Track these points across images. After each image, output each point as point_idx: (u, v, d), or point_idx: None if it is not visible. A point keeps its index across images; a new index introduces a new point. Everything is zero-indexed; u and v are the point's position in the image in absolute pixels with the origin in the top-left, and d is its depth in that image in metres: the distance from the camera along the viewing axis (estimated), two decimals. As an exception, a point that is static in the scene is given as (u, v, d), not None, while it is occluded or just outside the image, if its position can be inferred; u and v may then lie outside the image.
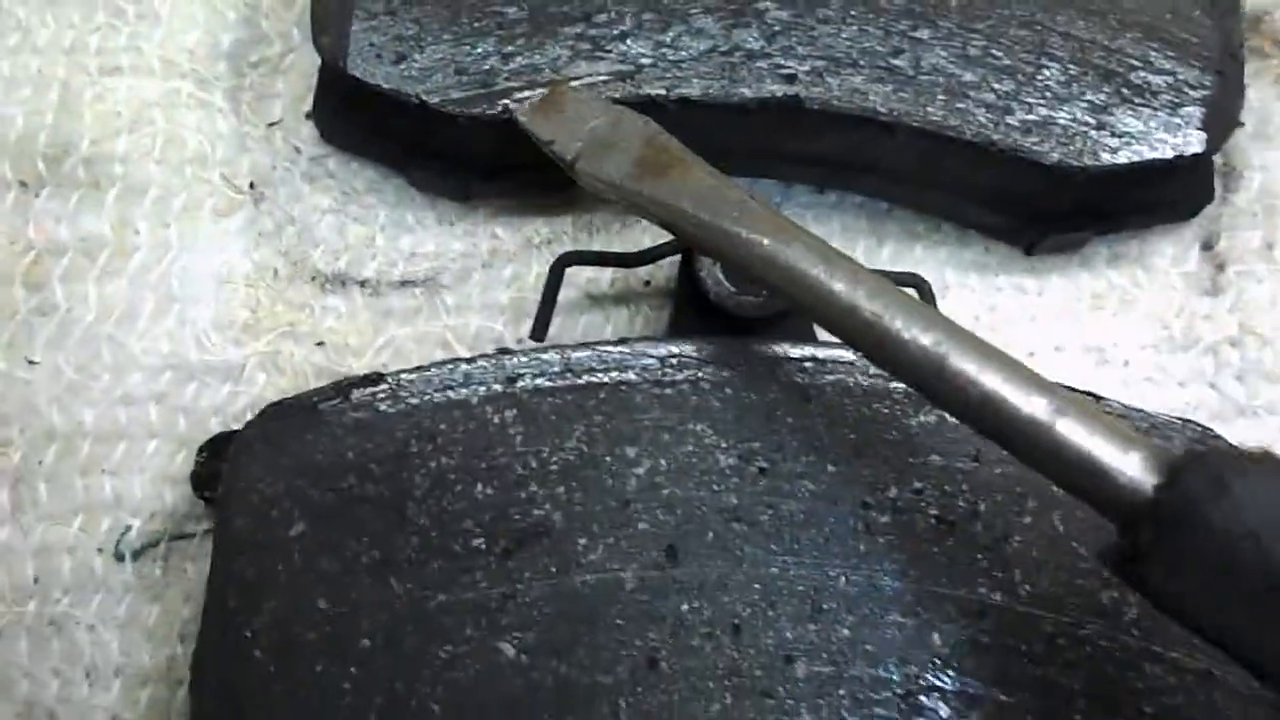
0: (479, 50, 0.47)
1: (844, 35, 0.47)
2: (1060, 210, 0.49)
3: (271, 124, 0.52)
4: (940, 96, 0.47)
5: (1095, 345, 0.51)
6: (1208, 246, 0.51)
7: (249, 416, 0.49)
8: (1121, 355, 0.50)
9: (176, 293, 0.50)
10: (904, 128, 0.47)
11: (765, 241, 0.40)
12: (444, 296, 0.51)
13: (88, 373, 0.49)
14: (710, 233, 0.41)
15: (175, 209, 0.51)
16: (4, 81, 0.52)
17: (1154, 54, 0.47)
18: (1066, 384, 0.40)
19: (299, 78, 0.52)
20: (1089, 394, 0.44)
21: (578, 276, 0.51)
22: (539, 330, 0.48)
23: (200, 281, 0.50)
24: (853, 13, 0.47)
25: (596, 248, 0.51)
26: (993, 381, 0.36)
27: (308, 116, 0.51)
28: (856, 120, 0.47)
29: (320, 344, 0.50)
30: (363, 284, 0.51)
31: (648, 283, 0.51)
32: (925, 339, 0.37)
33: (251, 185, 0.51)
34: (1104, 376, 0.50)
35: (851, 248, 0.52)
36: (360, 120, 0.50)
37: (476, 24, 0.47)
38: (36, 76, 0.52)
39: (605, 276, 0.51)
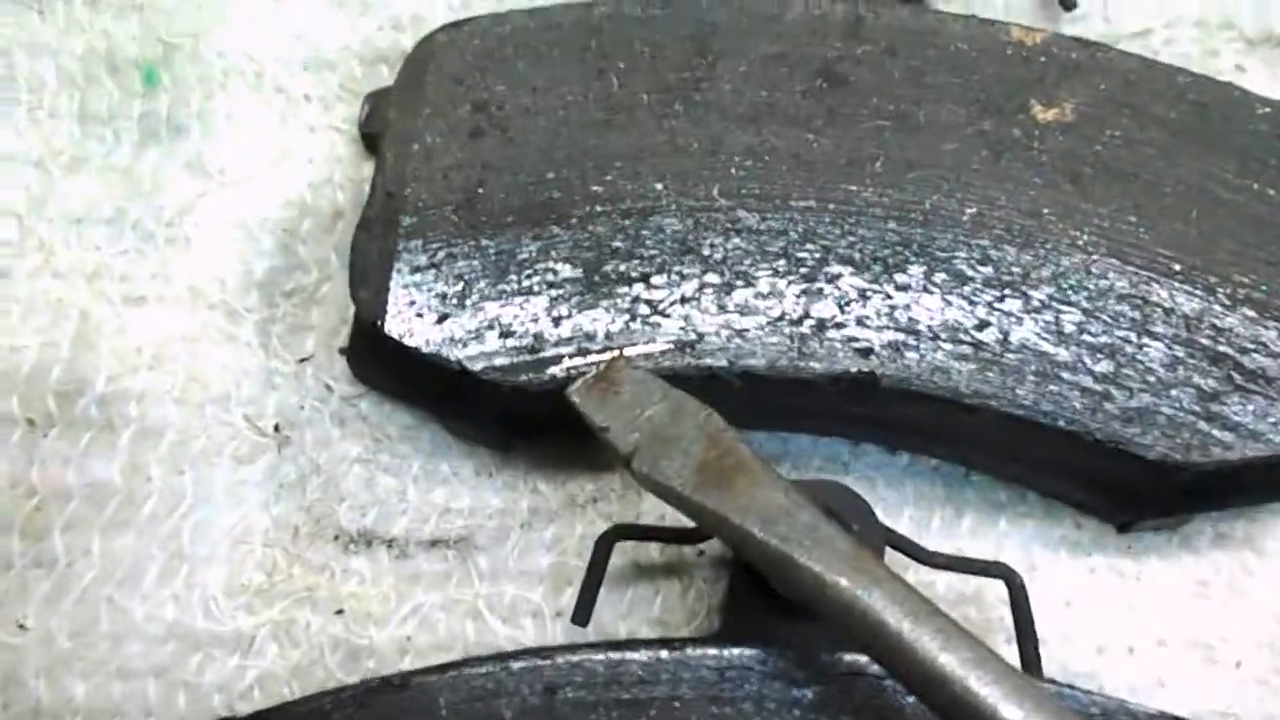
0: (527, 312, 0.43)
1: (924, 305, 0.43)
2: (1161, 497, 0.44)
3: (303, 360, 0.48)
4: (1030, 378, 0.42)
5: (1202, 640, 0.45)
6: (1324, 531, 0.46)
7: (256, 694, 0.44)
8: (1232, 654, 0.45)
9: (187, 550, 0.45)
10: (990, 411, 0.42)
11: (842, 583, 0.35)
12: (477, 559, 0.46)
13: (83, 640, 0.44)
14: (781, 564, 0.36)
15: (193, 454, 0.47)
16: (20, 307, 0.48)
17: (1268, 334, 0.42)
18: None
19: (335, 309, 0.48)
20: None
21: (626, 543, 0.46)
22: (581, 614, 0.43)
23: (214, 538, 0.46)
24: (934, 280, 0.43)
25: (646, 505, 0.47)
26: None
27: (341, 353, 0.47)
28: (938, 400, 0.42)
29: (340, 612, 0.45)
30: (390, 544, 0.46)
31: (701, 552, 0.46)
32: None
33: (276, 428, 0.47)
34: (1212, 678, 0.44)
35: (927, 518, 0.46)
36: (397, 369, 0.46)
37: (525, 282, 0.43)
38: (55, 304, 0.49)
39: (655, 544, 0.46)
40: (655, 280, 0.43)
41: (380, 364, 0.46)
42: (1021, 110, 0.45)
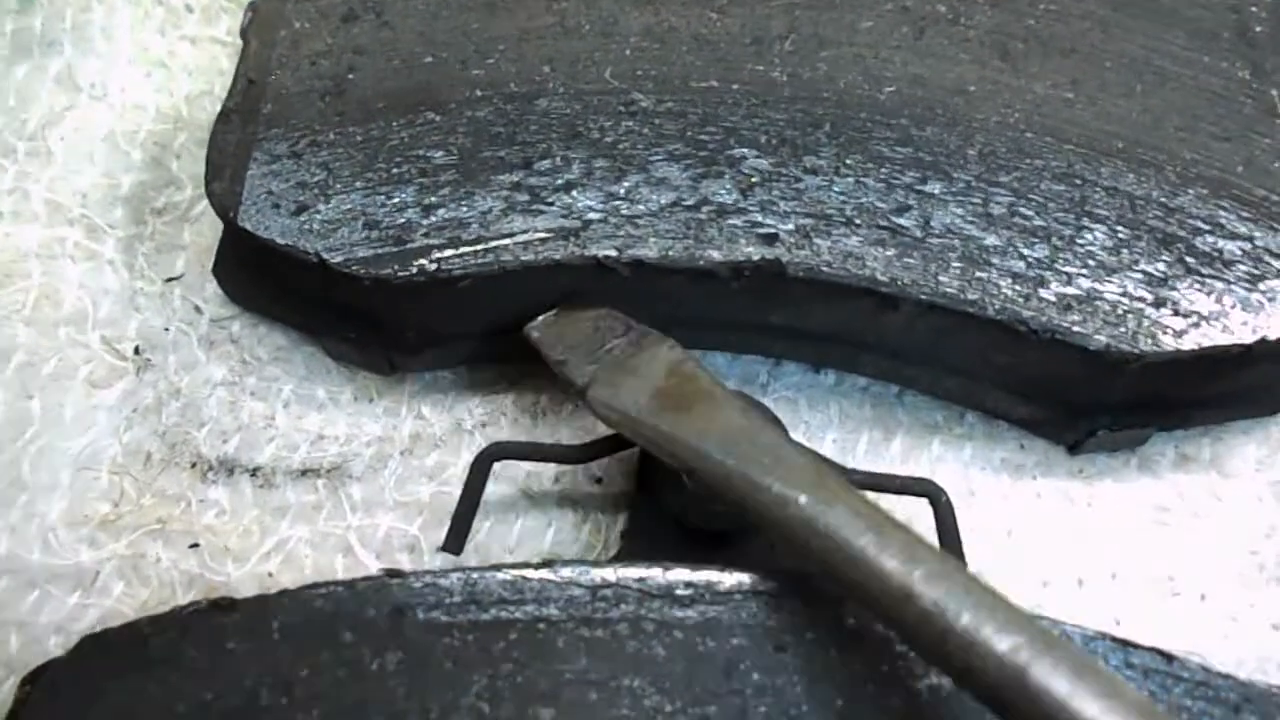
0: (395, 200, 0.38)
1: (837, 188, 0.37)
2: (1111, 402, 0.38)
3: (170, 279, 0.43)
4: (955, 264, 0.36)
5: (1162, 573, 0.39)
6: (1299, 443, 0.40)
7: (98, 635, 0.39)
8: (1196, 587, 0.38)
9: (27, 478, 0.40)
10: (911, 301, 0.36)
11: (801, 499, 0.30)
12: (351, 490, 0.40)
13: (-95, 574, 0.39)
14: (736, 483, 0.32)
15: (42, 377, 0.42)
16: None
17: (1224, 214, 0.37)
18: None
19: (209, 228, 0.43)
20: (1161, 652, 0.32)
21: (515, 471, 0.40)
22: (453, 541, 0.37)
23: (57, 466, 0.40)
24: (848, 161, 0.38)
25: (543, 434, 0.41)
26: (1090, 709, 0.25)
27: (213, 272, 0.42)
28: (853, 291, 0.37)
29: (194, 545, 0.39)
30: (253, 472, 0.40)
31: (599, 479, 0.40)
32: (1001, 643, 0.27)
33: (137, 350, 0.42)
34: (1174, 613, 0.38)
35: (853, 440, 0.41)
36: (268, 279, 0.41)
37: (395, 170, 0.38)
38: (-97, 218, 0.44)
39: (549, 471, 0.40)
40: (538, 166, 0.38)
41: (251, 277, 0.41)
42: (946, -15, 0.40)
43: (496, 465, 0.38)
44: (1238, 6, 0.40)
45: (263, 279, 0.41)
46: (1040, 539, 0.39)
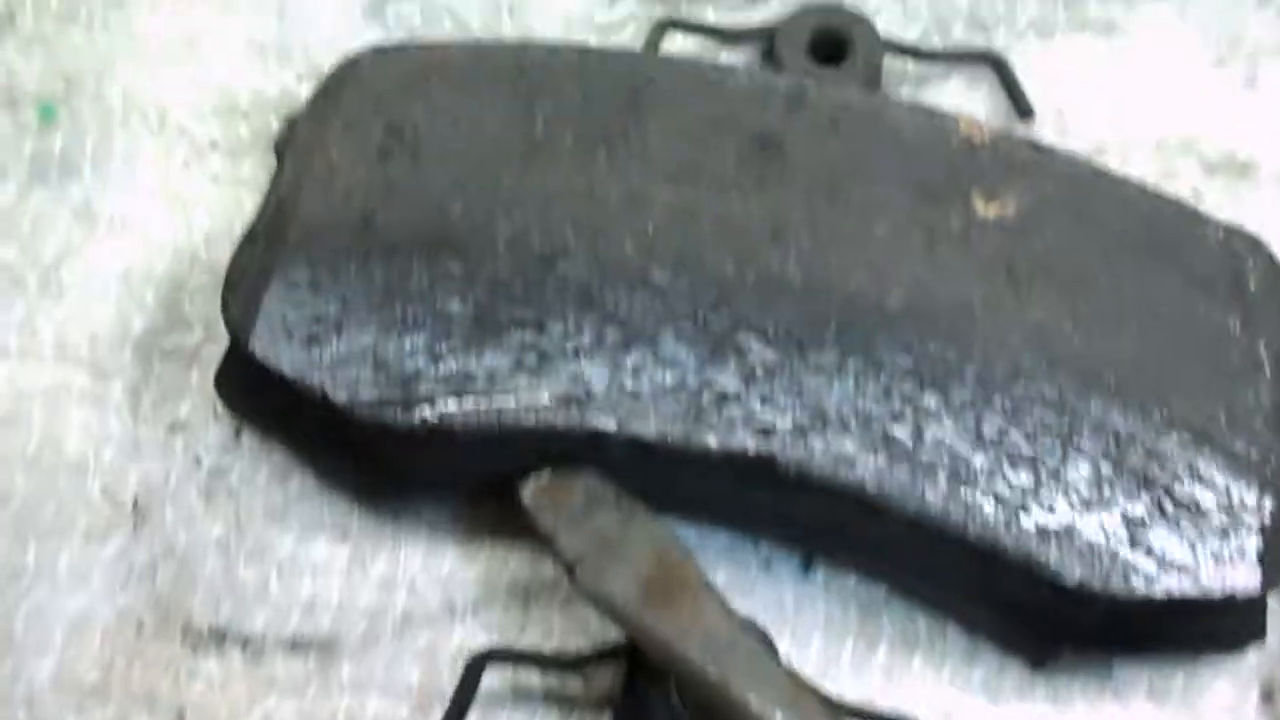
0: (407, 344, 0.38)
1: (836, 390, 0.38)
2: (1080, 631, 0.38)
3: (174, 426, 0.42)
4: (943, 480, 0.37)
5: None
6: (1269, 696, 0.40)
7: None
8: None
9: (19, 636, 0.39)
10: (896, 512, 0.37)
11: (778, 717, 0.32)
12: (341, 666, 0.39)
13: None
14: (715, 690, 0.33)
15: (40, 527, 0.41)
16: None
17: (1204, 464, 0.38)
18: None
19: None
20: None
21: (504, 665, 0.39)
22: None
23: (49, 625, 0.39)
24: (850, 364, 0.38)
25: (536, 618, 0.40)
26: None
27: (214, 383, 0.42)
28: (841, 494, 0.37)
29: (181, 718, 0.38)
30: (244, 644, 0.39)
31: (586, 679, 0.40)
32: None
33: (135, 502, 0.41)
34: None
35: (838, 650, 0.40)
36: (270, 398, 0.40)
37: (411, 313, 0.38)
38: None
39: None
40: (550, 328, 0.38)
41: (250, 391, 0.41)
42: (962, 201, 0.41)
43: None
44: (1236, 254, 0.41)
45: (264, 396, 0.41)
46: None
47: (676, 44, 0.49)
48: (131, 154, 0.46)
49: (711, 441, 0.37)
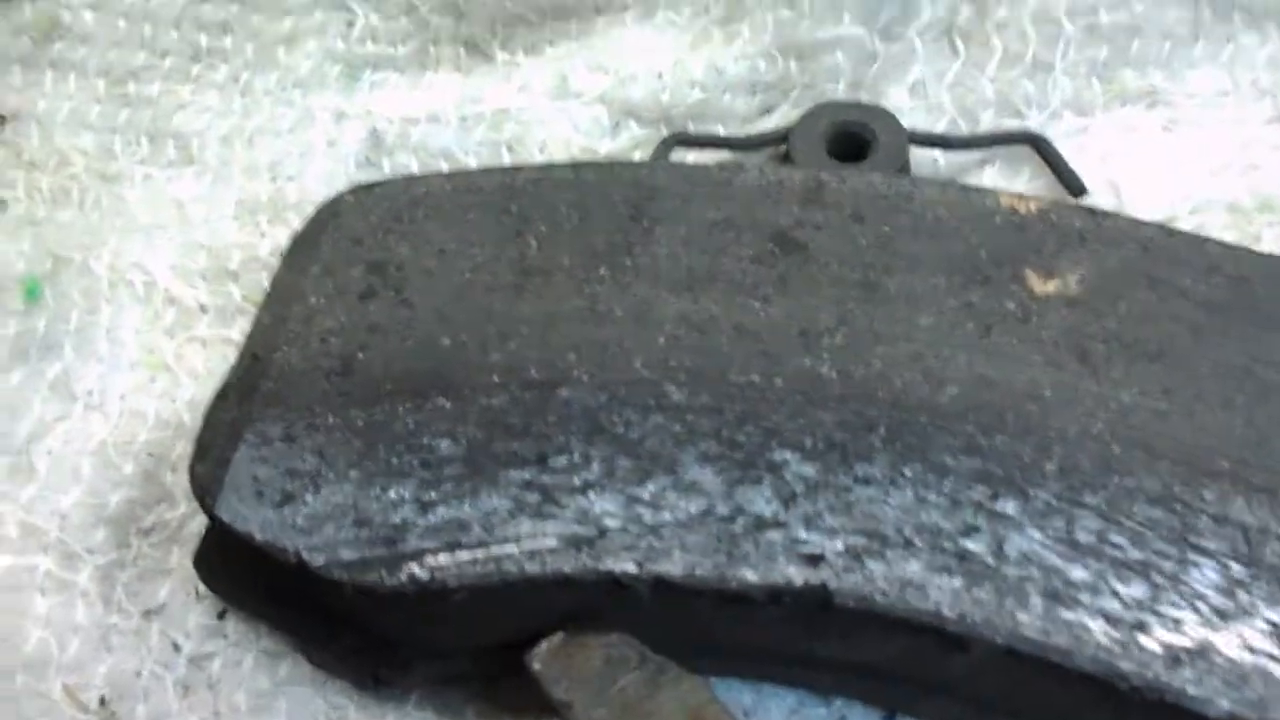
0: (391, 495, 0.33)
1: (893, 502, 0.32)
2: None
3: (149, 612, 0.37)
4: (1036, 599, 0.30)
5: None
6: None
7: None
8: None
9: None
10: (983, 643, 0.30)
11: None
12: None
13: None
14: None
15: None
16: None
17: (1360, 554, 0.30)
18: None
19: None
20: None
21: None
22: None
23: None
24: (905, 471, 0.32)
25: None
26: None
27: (194, 563, 0.37)
28: (913, 627, 0.30)
29: None
30: None
31: None
32: None
33: (102, 701, 0.36)
34: None
35: None
36: (252, 573, 0.35)
37: (395, 460, 0.33)
38: None
39: None
40: (553, 462, 0.33)
41: (231, 567, 0.36)
42: (1015, 281, 0.36)
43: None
44: (1346, 310, 0.35)
45: (249, 572, 0.36)
46: None
47: (687, 161, 0.45)
48: (116, 325, 0.43)
49: (750, 576, 0.31)
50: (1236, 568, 0.30)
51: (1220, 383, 0.33)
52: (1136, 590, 0.30)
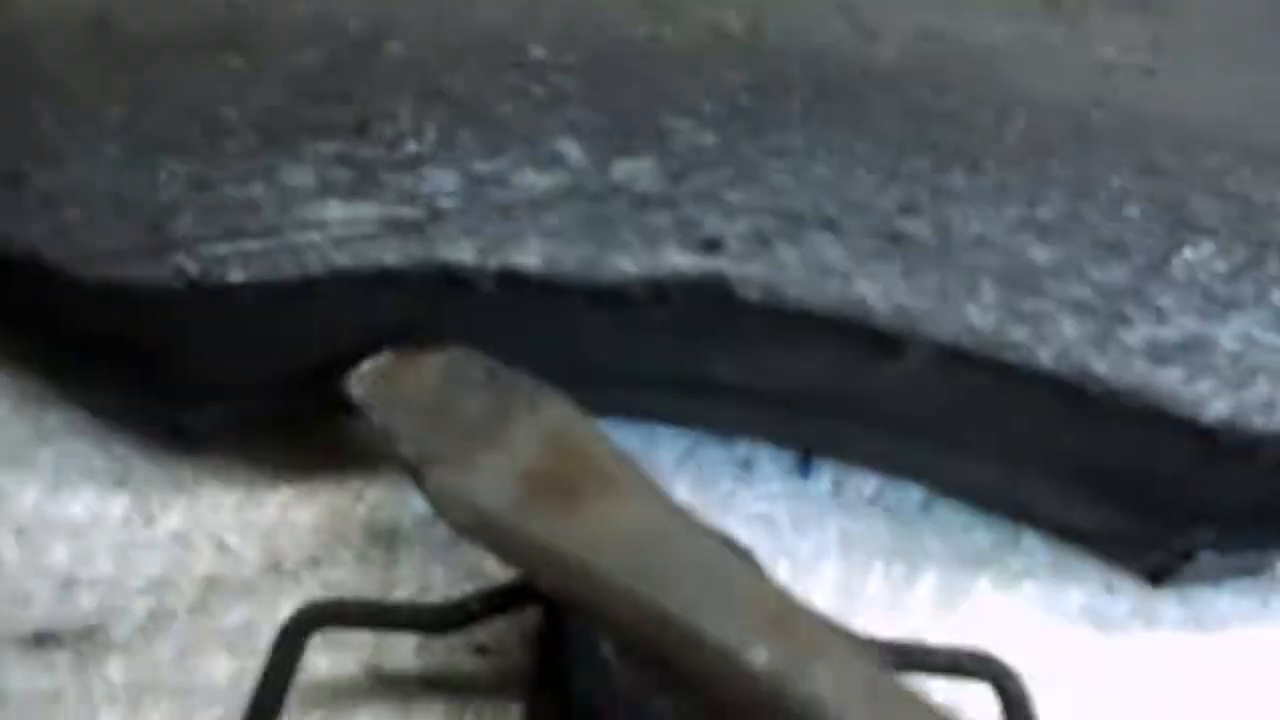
0: (159, 171, 0.24)
1: (813, 174, 0.25)
2: (1221, 507, 0.24)
3: None
4: (990, 289, 0.23)
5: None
6: None
7: None
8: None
9: None
10: (924, 344, 0.23)
11: (761, 654, 0.18)
12: (108, 667, 0.26)
13: None
14: (668, 635, 0.19)
15: None
16: None
17: (1387, 230, 0.24)
18: None
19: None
20: None
21: (358, 640, 0.26)
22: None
23: None
24: (830, 141, 0.25)
25: (406, 573, 0.27)
26: None
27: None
28: (836, 326, 0.24)
29: None
30: None
31: (483, 649, 0.26)
32: None
33: None
34: None
35: (862, 577, 0.27)
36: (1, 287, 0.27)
37: (164, 130, 0.25)
38: None
39: (408, 640, 0.26)
40: (374, 130, 0.25)
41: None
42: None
43: (324, 636, 0.24)
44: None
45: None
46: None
47: None
48: None
49: (627, 266, 0.24)
50: (1240, 248, 0.24)
51: (1221, 36, 0.26)
52: (1114, 275, 0.23)
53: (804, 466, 0.28)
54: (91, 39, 0.26)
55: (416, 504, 0.26)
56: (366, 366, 0.25)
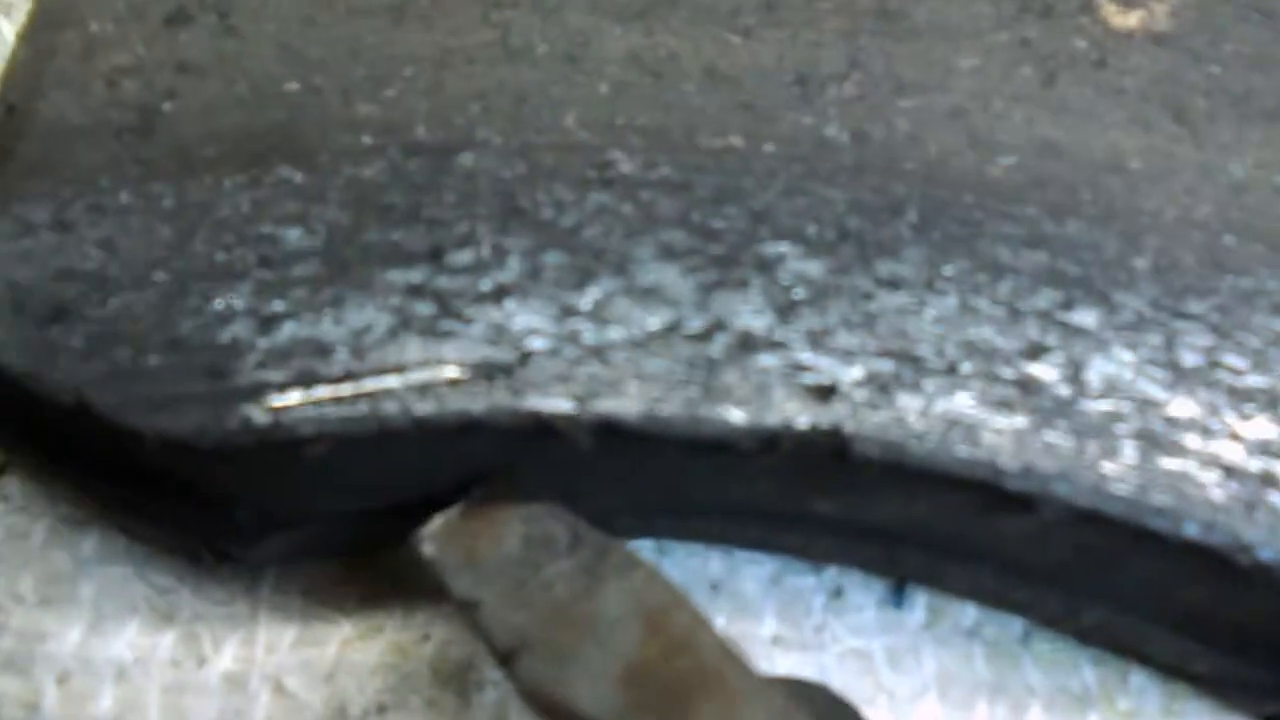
0: (217, 305, 0.22)
1: (930, 313, 0.23)
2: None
3: None
4: (1128, 445, 0.22)
5: None
6: None
7: None
8: None
9: None
10: (1056, 505, 0.21)
11: None
12: None
13: None
14: None
15: None
16: None
17: None
18: None
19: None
20: None
21: None
22: None
23: None
24: (946, 270, 0.23)
25: (481, 715, 0.25)
26: None
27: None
28: (954, 483, 0.22)
29: None
30: None
31: None
32: None
33: None
34: None
35: (965, 717, 0.25)
36: (41, 414, 0.25)
37: (222, 255, 0.23)
38: None
39: None
40: (452, 258, 0.23)
41: (9, 404, 0.26)
42: (1084, 10, 0.26)
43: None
44: None
45: (25, 409, 0.25)
46: None
47: None
48: None
49: (736, 417, 0.22)
50: (1394, 397, 0.22)
51: (1360, 150, 0.25)
52: (1267, 431, 0.22)
53: (898, 596, 0.26)
54: (135, 145, 0.24)
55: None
56: (438, 523, 0.22)
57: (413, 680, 0.25)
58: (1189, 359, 0.22)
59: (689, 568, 0.27)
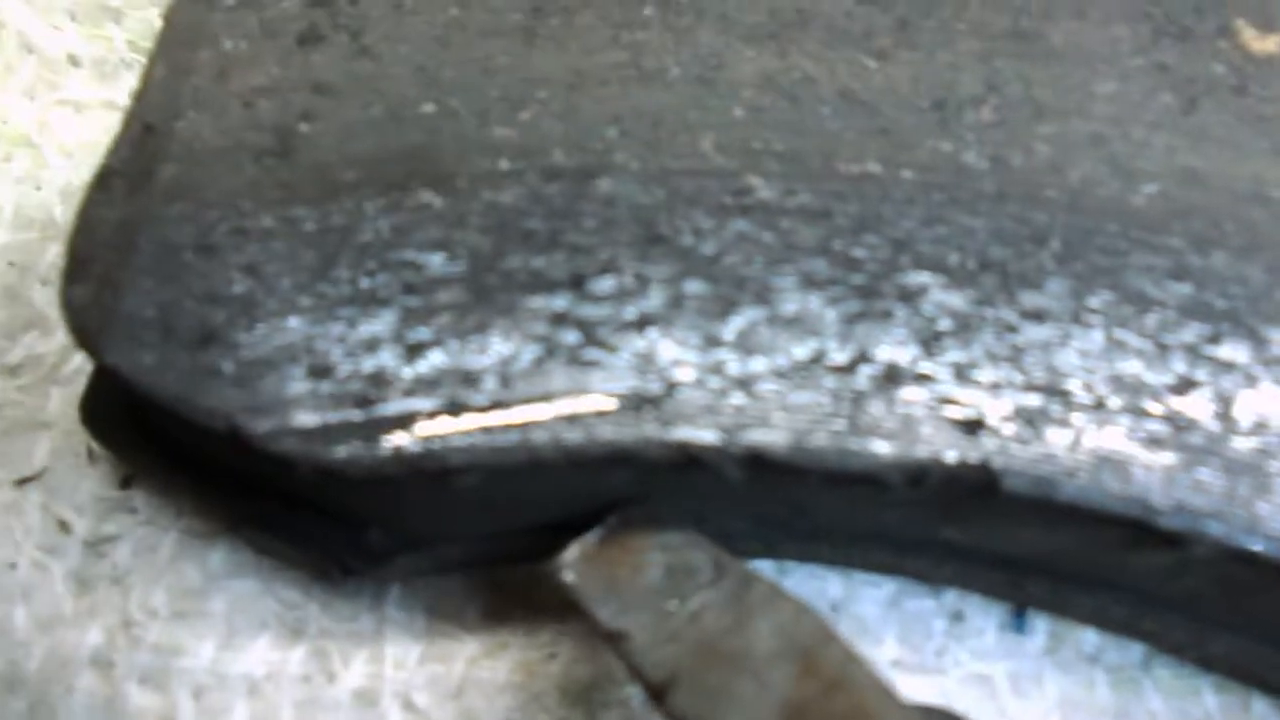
0: (362, 332, 0.22)
1: (1076, 346, 0.22)
2: None
3: (24, 480, 0.27)
4: (1278, 483, 0.21)
5: None
6: None
7: None
8: None
9: None
10: (1206, 543, 0.21)
11: None
12: None
13: None
14: None
15: None
16: None
17: None
18: None
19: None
20: None
21: None
22: None
23: None
24: (1091, 302, 0.23)
25: None
26: None
27: (80, 414, 0.27)
28: (1108, 522, 0.22)
29: None
30: None
31: None
32: None
33: None
34: None
35: None
36: (169, 429, 0.25)
37: (365, 282, 0.23)
38: None
39: None
40: (594, 286, 0.23)
41: (134, 423, 0.26)
42: (1223, 34, 0.25)
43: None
44: None
45: (160, 426, 0.25)
46: None
47: None
48: (-49, 90, 0.30)
49: (882, 449, 0.22)
50: None
51: None
52: None
53: (1018, 620, 0.26)
54: (274, 167, 0.24)
55: (616, 660, 0.25)
56: (576, 550, 0.23)
57: (541, 699, 0.25)
58: (1340, 396, 0.22)
59: (808, 589, 0.27)
